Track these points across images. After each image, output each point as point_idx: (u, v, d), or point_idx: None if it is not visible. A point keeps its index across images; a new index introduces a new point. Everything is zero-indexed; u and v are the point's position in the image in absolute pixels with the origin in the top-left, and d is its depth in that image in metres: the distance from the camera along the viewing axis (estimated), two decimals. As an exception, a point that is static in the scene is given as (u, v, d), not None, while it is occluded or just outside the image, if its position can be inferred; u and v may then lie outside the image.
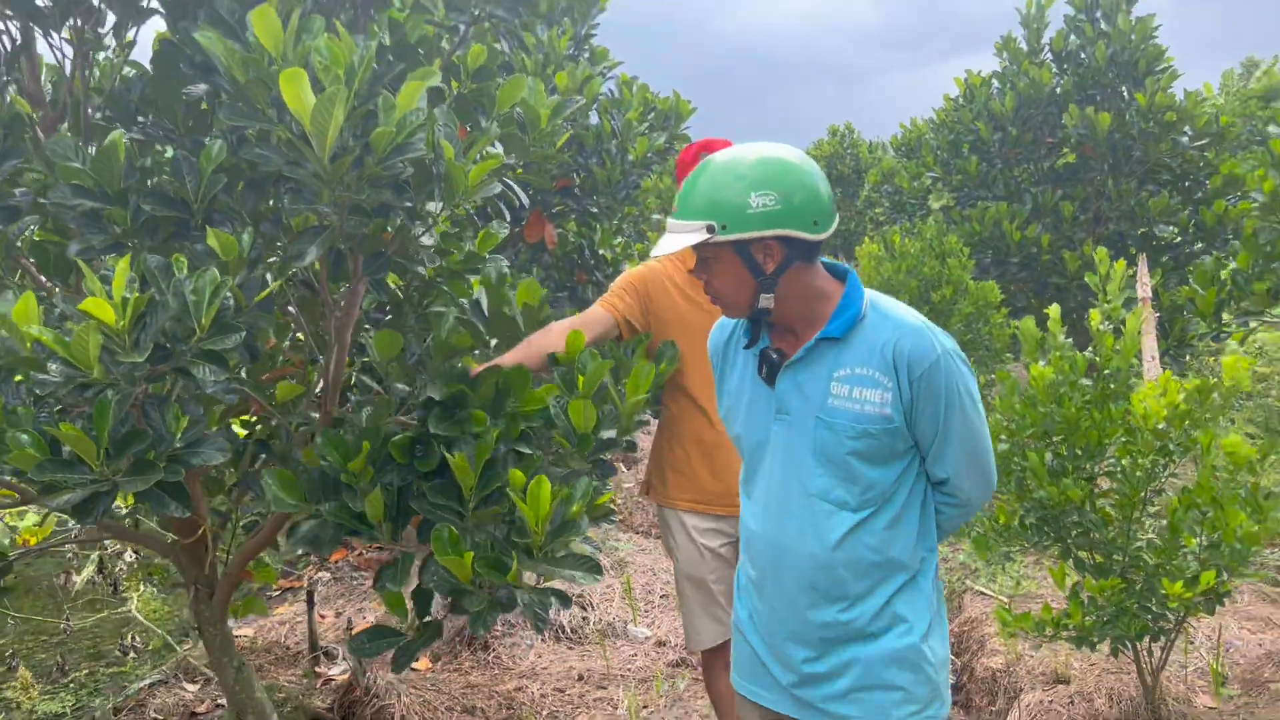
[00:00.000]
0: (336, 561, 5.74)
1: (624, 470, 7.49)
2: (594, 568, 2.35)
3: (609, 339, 2.91)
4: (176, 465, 2.18)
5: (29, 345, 2.11)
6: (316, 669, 4.18)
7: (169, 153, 2.73)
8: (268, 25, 2.21)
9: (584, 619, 4.54)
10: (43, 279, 2.80)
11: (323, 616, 4.96)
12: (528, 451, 2.49)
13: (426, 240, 2.68)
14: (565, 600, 2.49)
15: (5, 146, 2.53)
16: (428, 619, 2.65)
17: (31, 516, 4.34)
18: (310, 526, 2.40)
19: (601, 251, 6.10)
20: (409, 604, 2.58)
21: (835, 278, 1.95)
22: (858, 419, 1.86)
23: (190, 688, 4.07)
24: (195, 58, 2.55)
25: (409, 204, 2.42)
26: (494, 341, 2.95)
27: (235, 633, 4.30)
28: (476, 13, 2.90)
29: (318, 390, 2.99)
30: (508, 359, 2.61)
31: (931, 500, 1.99)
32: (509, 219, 3.85)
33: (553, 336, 2.67)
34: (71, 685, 3.96)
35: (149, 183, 2.51)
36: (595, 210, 5.85)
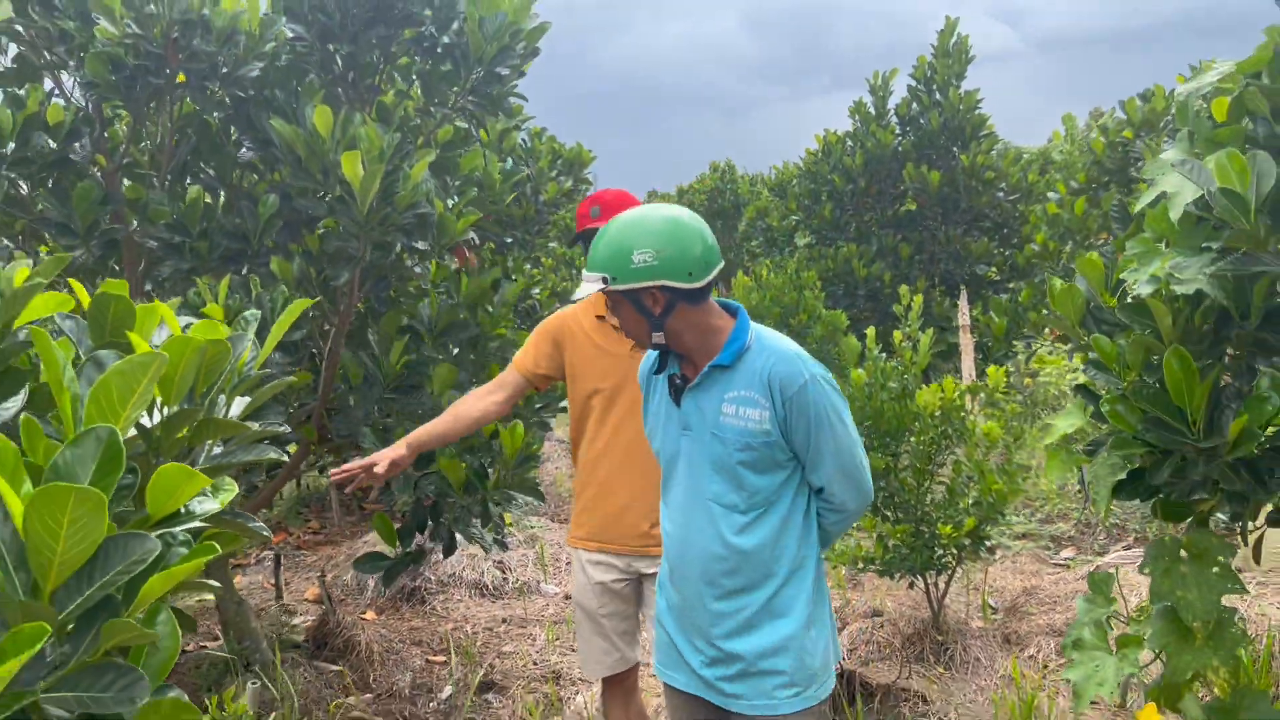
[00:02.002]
0: (279, 543, 6.56)
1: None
2: (539, 494, 3.45)
3: (525, 393, 3.08)
4: (252, 424, 3.13)
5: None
6: (282, 619, 5.04)
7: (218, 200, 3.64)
8: (323, 118, 3.19)
9: (504, 579, 5.52)
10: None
11: (273, 584, 5.80)
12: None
13: (418, 269, 3.68)
14: (501, 541, 3.63)
15: (106, 193, 3.41)
16: (410, 549, 3.64)
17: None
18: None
19: (514, 277, 7.11)
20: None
21: (729, 314, 2.21)
22: (742, 434, 2.11)
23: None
24: (255, 133, 3.50)
25: (413, 244, 3.42)
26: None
27: (203, 596, 5.13)
28: (454, 103, 3.91)
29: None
30: (437, 425, 2.86)
31: (814, 507, 2.22)
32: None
33: (471, 403, 2.93)
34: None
35: (216, 223, 3.43)
36: (510, 241, 6.87)
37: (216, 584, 1.57)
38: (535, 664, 4.54)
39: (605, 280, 2.07)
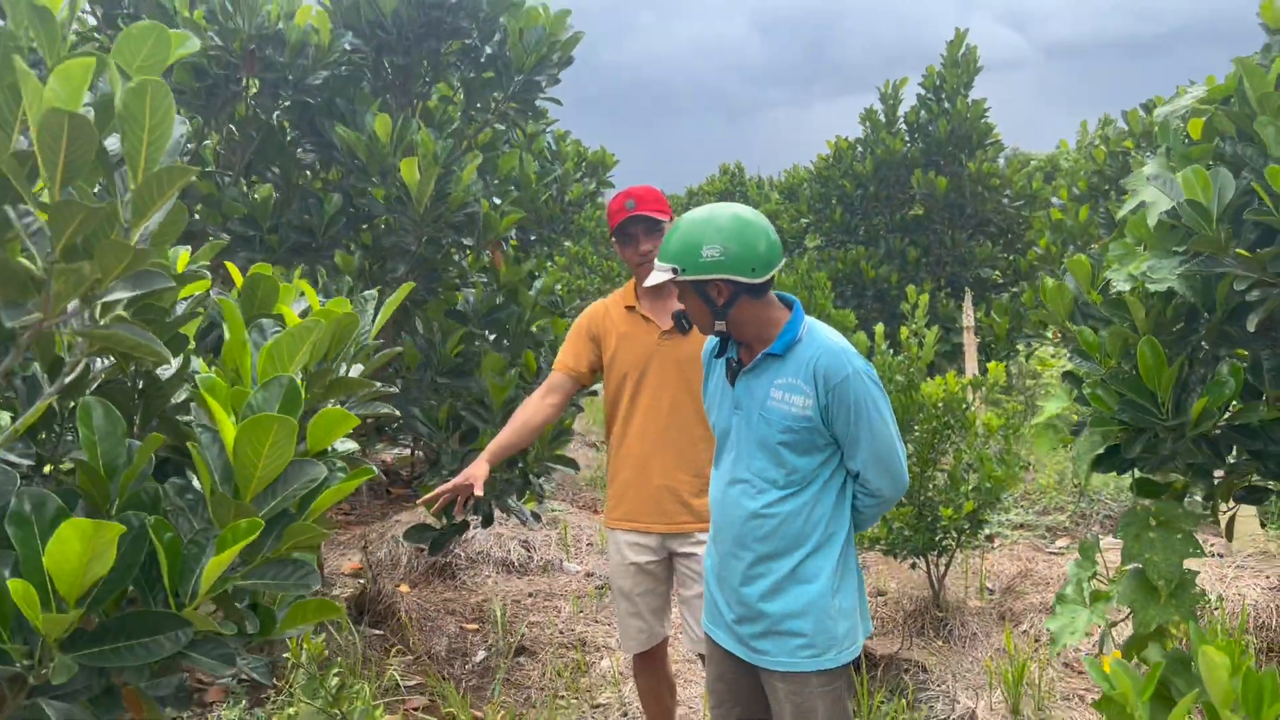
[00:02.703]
0: (312, 522, 6.90)
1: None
2: (574, 464, 3.76)
3: (575, 392, 3.26)
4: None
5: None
6: (321, 589, 5.38)
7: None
8: (383, 125, 3.53)
9: (528, 557, 5.85)
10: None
11: (310, 561, 6.14)
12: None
13: (463, 264, 4.01)
14: (537, 513, 3.95)
15: (187, 191, 3.75)
16: (454, 521, 3.97)
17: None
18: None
19: (535, 273, 7.45)
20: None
21: (786, 306, 2.39)
22: (785, 417, 2.29)
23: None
24: (316, 137, 3.83)
25: (462, 239, 3.75)
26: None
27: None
28: (495, 109, 4.25)
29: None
30: (509, 436, 3.09)
31: (850, 488, 2.40)
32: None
33: (532, 410, 3.14)
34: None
35: (284, 218, 3.77)
36: (534, 239, 7.20)
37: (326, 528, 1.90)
38: (562, 632, 4.87)
39: (675, 271, 2.27)
